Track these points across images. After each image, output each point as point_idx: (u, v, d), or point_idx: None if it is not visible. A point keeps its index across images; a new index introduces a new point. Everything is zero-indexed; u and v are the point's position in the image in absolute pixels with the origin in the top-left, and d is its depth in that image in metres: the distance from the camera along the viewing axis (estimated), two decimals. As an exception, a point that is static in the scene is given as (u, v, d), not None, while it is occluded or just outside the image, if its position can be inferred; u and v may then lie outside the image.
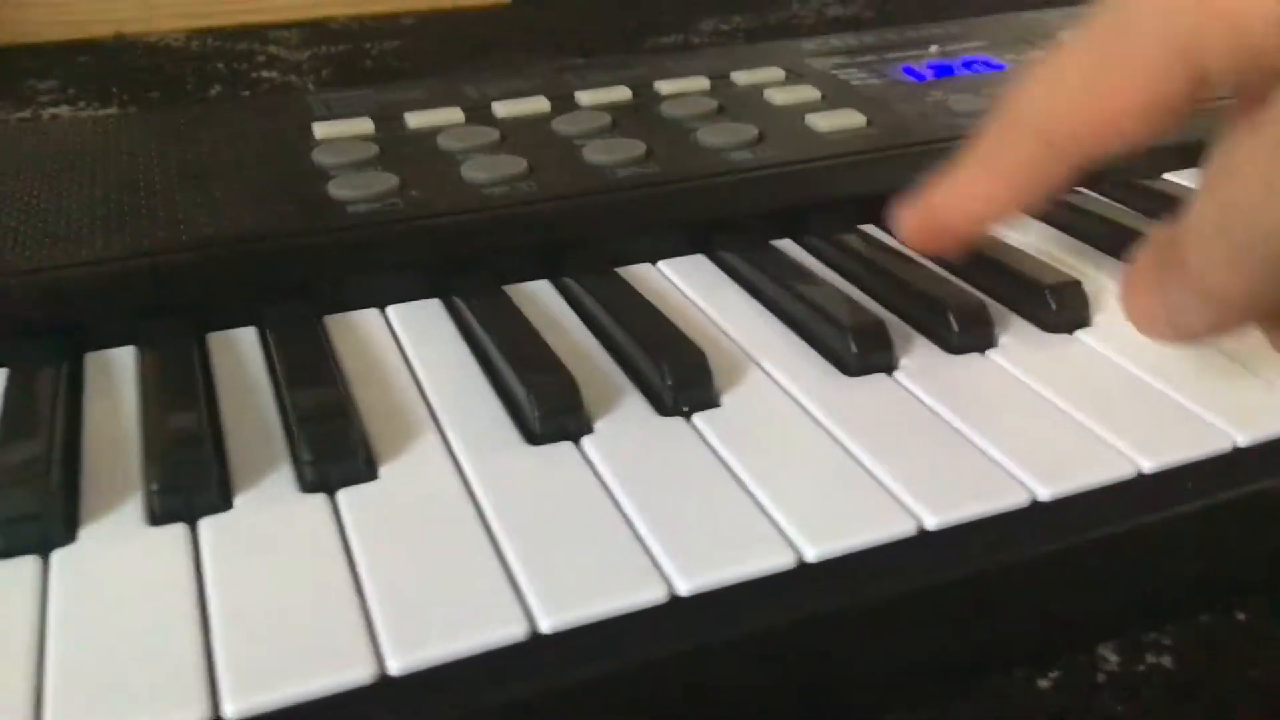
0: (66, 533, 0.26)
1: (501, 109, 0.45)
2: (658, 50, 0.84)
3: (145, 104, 0.77)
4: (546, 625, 0.23)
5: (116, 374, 0.32)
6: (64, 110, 0.77)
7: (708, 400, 0.30)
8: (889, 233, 0.39)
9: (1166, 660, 0.27)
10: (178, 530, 0.26)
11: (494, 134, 0.43)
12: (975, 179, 0.29)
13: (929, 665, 0.26)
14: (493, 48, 0.86)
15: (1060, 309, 0.33)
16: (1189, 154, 0.43)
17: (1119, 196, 0.42)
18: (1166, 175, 0.44)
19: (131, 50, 0.92)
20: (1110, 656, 0.27)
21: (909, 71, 0.49)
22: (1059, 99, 0.26)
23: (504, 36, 0.89)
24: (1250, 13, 0.23)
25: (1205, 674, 0.27)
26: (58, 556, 0.25)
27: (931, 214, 0.30)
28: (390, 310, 0.35)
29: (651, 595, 0.24)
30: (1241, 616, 0.28)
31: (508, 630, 0.23)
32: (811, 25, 0.91)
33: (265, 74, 0.83)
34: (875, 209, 0.40)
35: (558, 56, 0.82)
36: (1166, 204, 0.39)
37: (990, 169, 0.28)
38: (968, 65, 0.50)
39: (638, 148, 0.41)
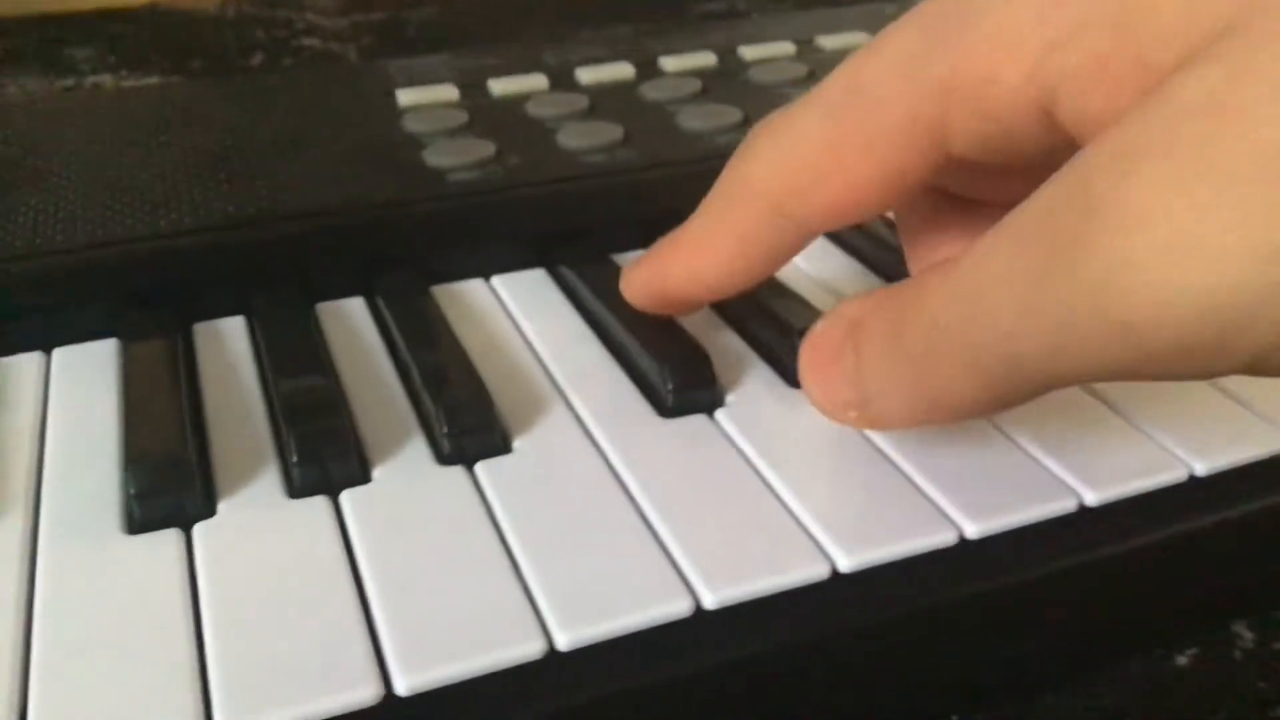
0: (206, 506, 0.25)
1: (586, 75, 0.45)
2: (706, 16, 0.83)
3: (187, 72, 0.76)
4: (710, 602, 0.22)
5: (229, 344, 0.32)
6: (106, 79, 0.76)
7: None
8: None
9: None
10: (319, 502, 0.25)
11: (583, 101, 0.42)
12: (702, 246, 0.27)
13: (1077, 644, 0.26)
14: (535, 13, 0.85)
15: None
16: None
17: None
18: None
19: (167, 18, 0.91)
20: (1246, 634, 0.27)
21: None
22: (793, 169, 0.24)
23: (540, 4, 0.88)
24: (995, 89, 0.21)
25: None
26: (200, 530, 0.24)
27: (656, 278, 0.28)
28: (496, 280, 0.35)
29: (815, 571, 0.23)
30: None
31: (672, 607, 0.22)
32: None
33: (306, 41, 0.82)
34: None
35: (604, 24, 0.81)
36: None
37: (718, 237, 0.26)
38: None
39: (733, 114, 0.40)
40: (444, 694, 0.21)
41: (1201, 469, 0.26)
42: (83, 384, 0.30)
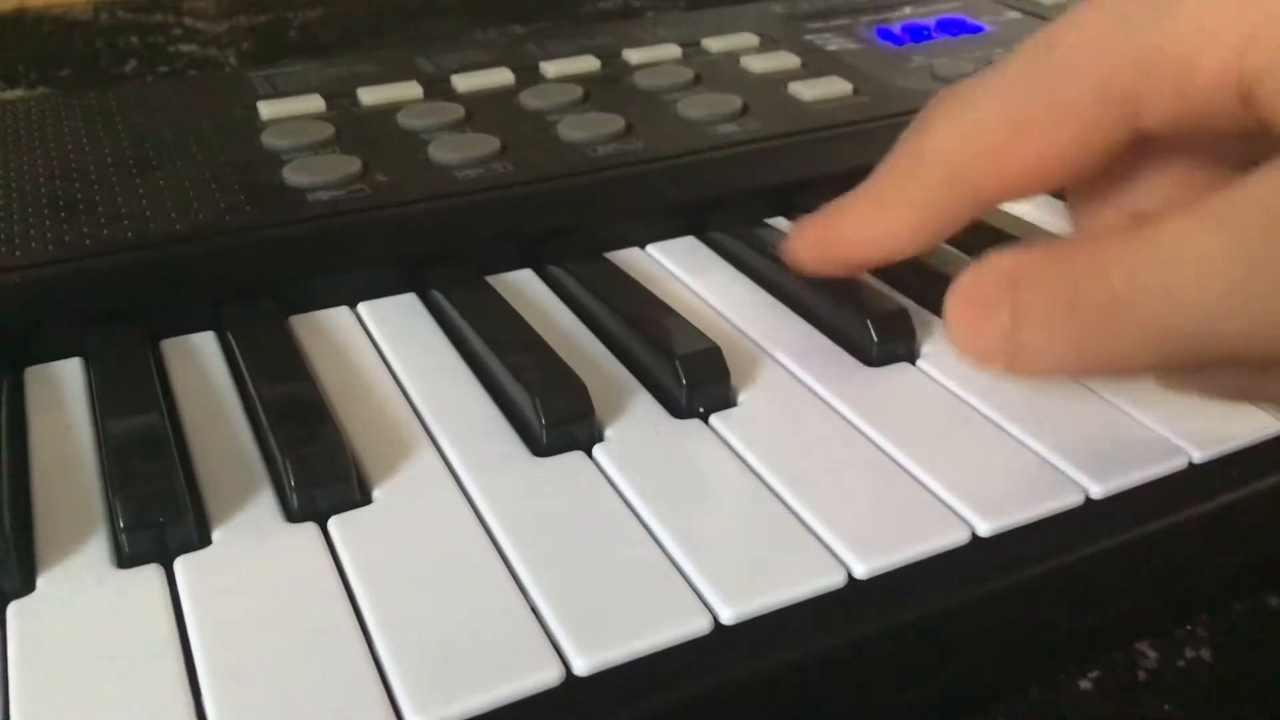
0: (24, 582, 0.22)
1: (462, 83, 0.42)
2: (599, 17, 0.81)
3: (56, 83, 0.72)
4: (581, 667, 0.20)
5: (63, 389, 0.29)
6: (-33, 93, 0.72)
7: (725, 400, 0.28)
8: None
9: (1205, 653, 0.26)
10: (151, 572, 0.23)
11: (458, 110, 0.40)
12: (880, 212, 0.27)
13: (972, 678, 0.25)
14: (422, 15, 0.82)
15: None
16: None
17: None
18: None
19: (36, 25, 0.86)
20: (1149, 653, 0.26)
21: (884, 35, 0.47)
22: (976, 143, 0.25)
23: (431, 3, 0.85)
24: (1195, 73, 0.22)
25: (1246, 664, 0.26)
26: (14, 609, 0.22)
27: (829, 240, 0.29)
28: (362, 308, 0.32)
29: (694, 626, 0.21)
30: (1275, 602, 0.27)
31: (541, 676, 0.20)
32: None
33: (184, 47, 0.79)
34: (869, 183, 0.38)
35: (494, 23, 0.78)
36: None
37: (896, 203, 0.27)
38: (943, 27, 0.48)
39: (616, 122, 0.38)
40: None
41: (1096, 491, 0.25)
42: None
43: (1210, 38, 0.21)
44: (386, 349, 0.30)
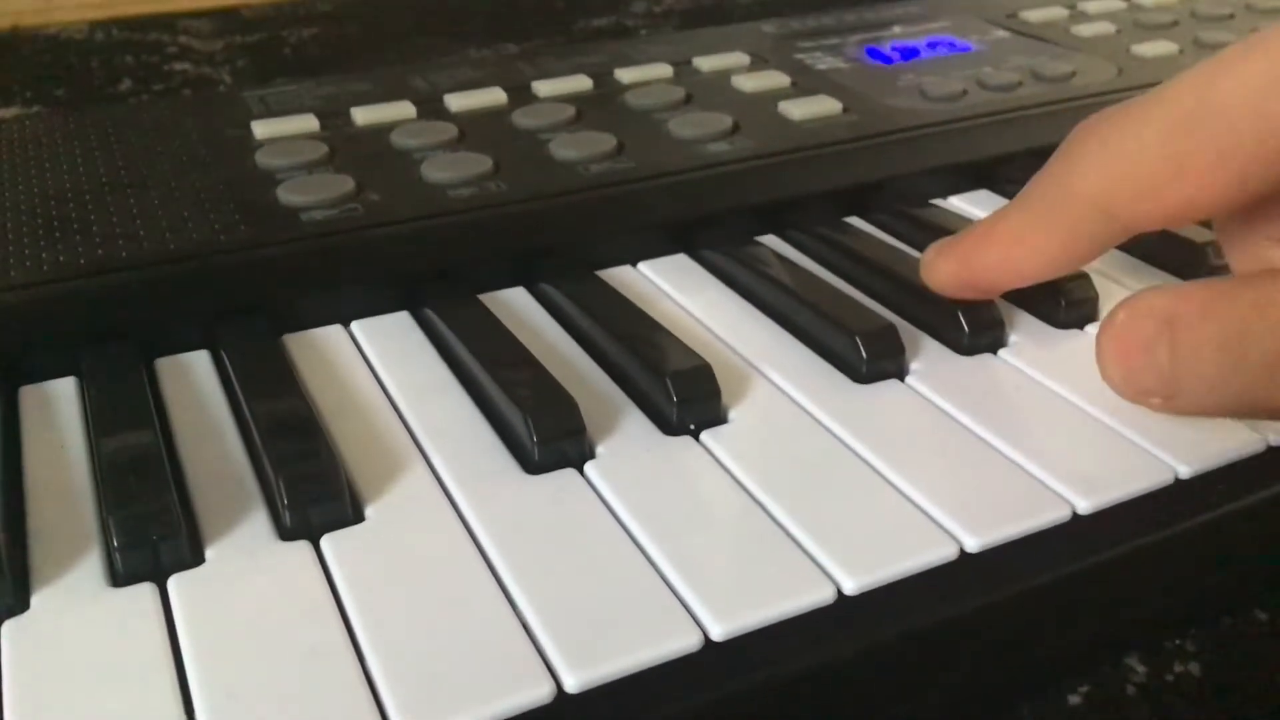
0: (18, 600, 0.22)
1: (455, 102, 0.43)
2: (593, 34, 0.81)
3: (51, 101, 0.72)
4: (571, 684, 0.21)
5: (57, 408, 0.29)
6: (-41, 111, 0.72)
7: (716, 417, 0.28)
8: (876, 226, 0.38)
9: (1194, 667, 0.26)
10: (144, 591, 0.23)
11: (451, 130, 0.40)
12: (1023, 239, 0.28)
13: (962, 693, 0.25)
14: (416, 34, 0.82)
15: (1069, 306, 0.31)
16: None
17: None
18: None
19: (31, 44, 0.86)
20: (1138, 667, 0.26)
21: (874, 54, 0.48)
22: (1131, 176, 0.25)
23: (424, 21, 0.85)
24: None
25: (1234, 678, 0.26)
26: (9, 629, 0.22)
27: (968, 267, 0.29)
28: (355, 326, 0.33)
29: (683, 643, 0.21)
30: (1263, 616, 0.28)
31: (533, 693, 0.20)
32: (747, 8, 0.89)
33: (178, 66, 0.79)
34: (859, 201, 0.39)
35: (489, 42, 0.79)
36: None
37: (1041, 231, 0.27)
38: (933, 46, 0.49)
39: (608, 141, 0.39)
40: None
41: (1084, 506, 0.25)
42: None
43: None
44: (379, 367, 0.31)
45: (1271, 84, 0.23)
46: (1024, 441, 0.26)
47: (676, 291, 0.34)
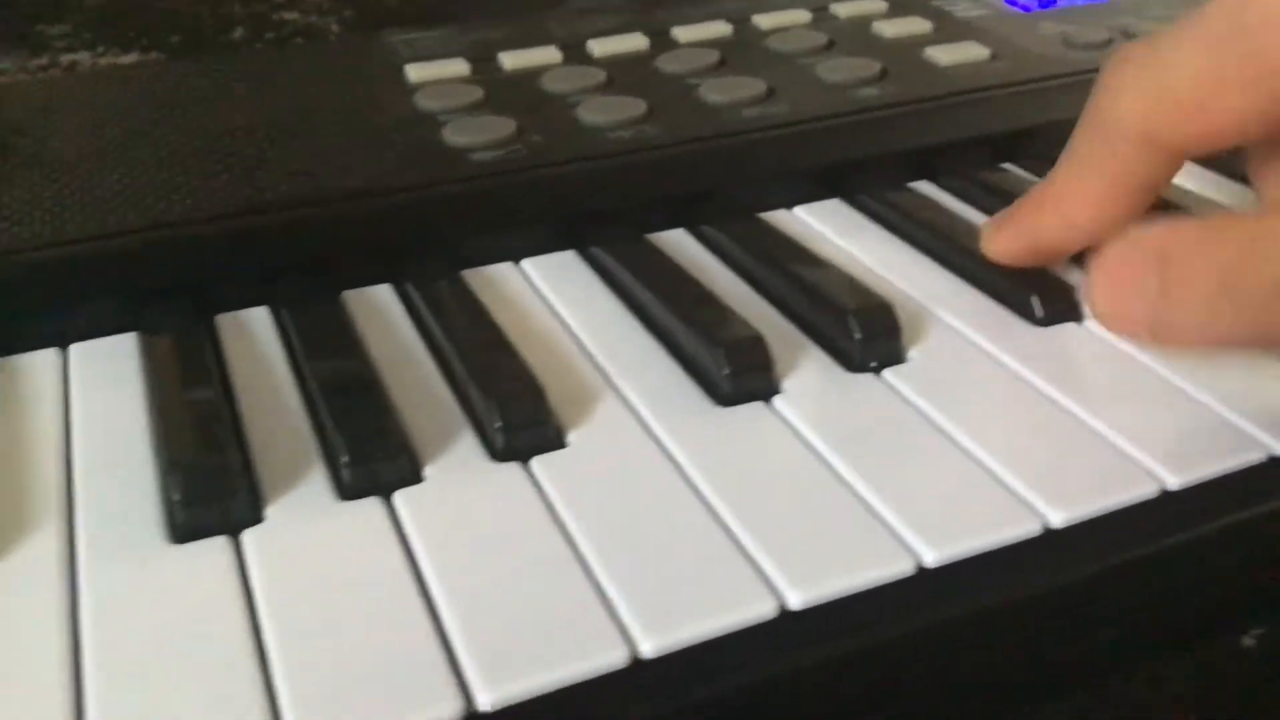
0: (253, 511, 0.24)
1: (598, 48, 0.43)
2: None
3: (167, 49, 0.74)
4: (795, 602, 0.21)
5: (256, 336, 0.30)
6: (83, 57, 0.73)
7: (897, 355, 0.28)
8: (1030, 173, 0.38)
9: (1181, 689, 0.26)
10: (372, 505, 0.24)
11: (600, 74, 0.40)
12: (1076, 190, 0.28)
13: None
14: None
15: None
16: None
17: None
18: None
19: (141, -7, 0.87)
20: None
21: (1012, 1, 0.47)
22: (1171, 99, 0.25)
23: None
24: None
25: (1220, 702, 0.26)
26: (250, 537, 0.23)
27: (1026, 236, 0.29)
28: (526, 264, 0.34)
29: (898, 568, 0.22)
30: (1250, 642, 0.26)
31: (756, 609, 0.21)
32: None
33: (287, 15, 0.80)
34: (1010, 147, 0.39)
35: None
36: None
37: (1091, 177, 0.27)
38: (1069, -6, 0.48)
39: (757, 86, 0.39)
40: (527, 707, 0.20)
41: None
42: (104, 382, 0.29)
43: None
44: (556, 303, 0.32)
45: None
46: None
47: (836, 235, 0.35)
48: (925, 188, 0.37)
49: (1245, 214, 0.25)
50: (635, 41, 0.44)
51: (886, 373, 0.28)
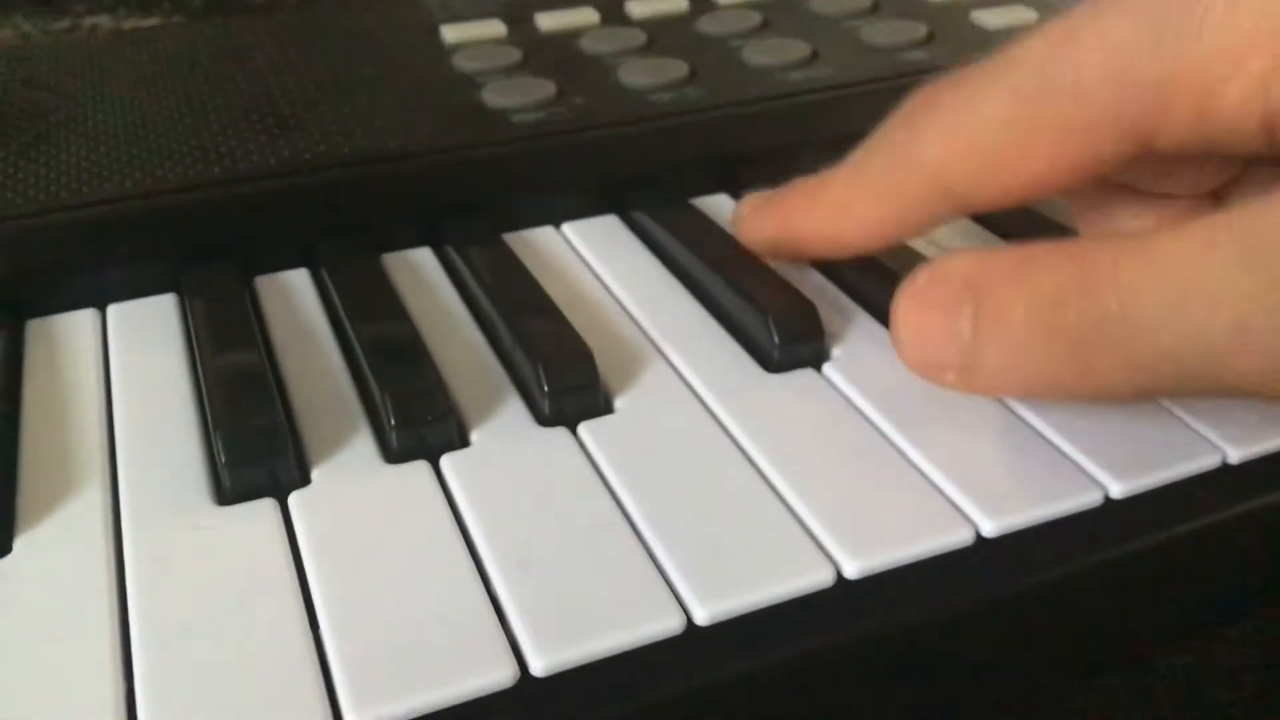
0: (300, 474, 0.23)
1: (638, 9, 0.42)
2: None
3: (189, 12, 0.73)
4: (852, 571, 0.21)
5: (296, 299, 0.30)
6: (104, 20, 0.73)
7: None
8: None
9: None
10: (419, 468, 0.24)
11: (640, 36, 0.40)
12: (854, 207, 0.26)
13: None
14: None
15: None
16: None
17: None
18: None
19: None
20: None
21: (1059, -35, 0.46)
22: (972, 153, 0.23)
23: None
24: (1217, 101, 0.20)
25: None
26: (296, 499, 0.23)
27: (790, 224, 0.28)
28: (567, 228, 0.33)
29: (957, 538, 0.22)
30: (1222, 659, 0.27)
31: (813, 577, 0.21)
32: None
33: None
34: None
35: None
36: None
37: (875, 202, 0.26)
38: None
39: (801, 49, 0.38)
40: (580, 673, 0.19)
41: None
42: (143, 343, 0.28)
43: (1233, 67, 0.20)
44: (599, 267, 0.31)
45: (1128, 52, 0.21)
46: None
47: (882, 201, 0.34)
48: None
49: (1065, 243, 0.21)
50: (675, 3, 0.43)
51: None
